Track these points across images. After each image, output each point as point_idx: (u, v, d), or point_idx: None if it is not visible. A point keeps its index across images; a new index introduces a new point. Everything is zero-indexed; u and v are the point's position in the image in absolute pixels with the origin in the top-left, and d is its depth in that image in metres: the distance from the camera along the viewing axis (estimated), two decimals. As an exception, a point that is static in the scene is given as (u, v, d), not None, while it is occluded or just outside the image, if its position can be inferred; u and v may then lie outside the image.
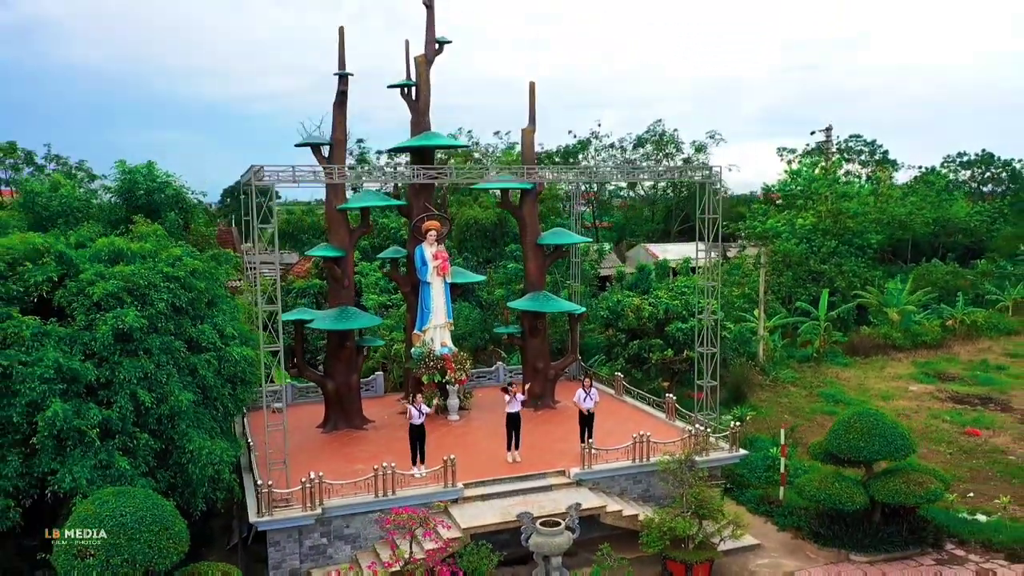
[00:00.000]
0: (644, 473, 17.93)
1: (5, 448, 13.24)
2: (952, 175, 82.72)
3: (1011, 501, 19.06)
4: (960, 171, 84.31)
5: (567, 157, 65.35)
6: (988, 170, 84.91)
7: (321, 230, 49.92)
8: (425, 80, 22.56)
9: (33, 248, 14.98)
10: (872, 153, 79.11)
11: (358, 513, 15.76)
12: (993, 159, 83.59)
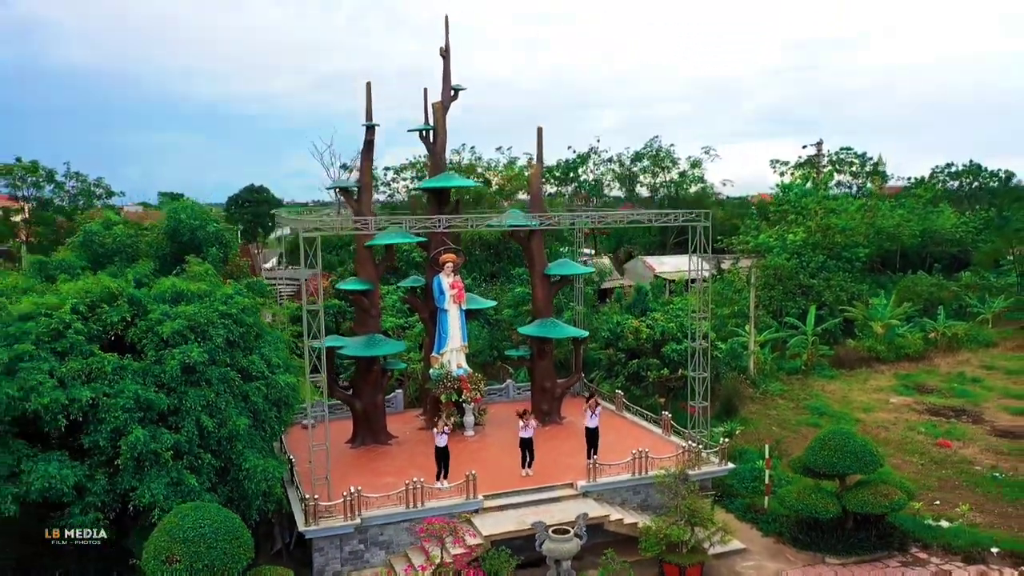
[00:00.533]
0: (643, 485, 20.09)
1: (93, 468, 15.35)
2: (940, 185, 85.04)
3: (971, 509, 21.25)
4: (948, 181, 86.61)
5: (567, 171, 67.69)
6: (976, 180, 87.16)
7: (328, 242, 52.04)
8: (442, 125, 24.72)
9: (108, 291, 17.08)
10: (863, 164, 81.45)
11: (391, 523, 17.89)
12: (981, 170, 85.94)
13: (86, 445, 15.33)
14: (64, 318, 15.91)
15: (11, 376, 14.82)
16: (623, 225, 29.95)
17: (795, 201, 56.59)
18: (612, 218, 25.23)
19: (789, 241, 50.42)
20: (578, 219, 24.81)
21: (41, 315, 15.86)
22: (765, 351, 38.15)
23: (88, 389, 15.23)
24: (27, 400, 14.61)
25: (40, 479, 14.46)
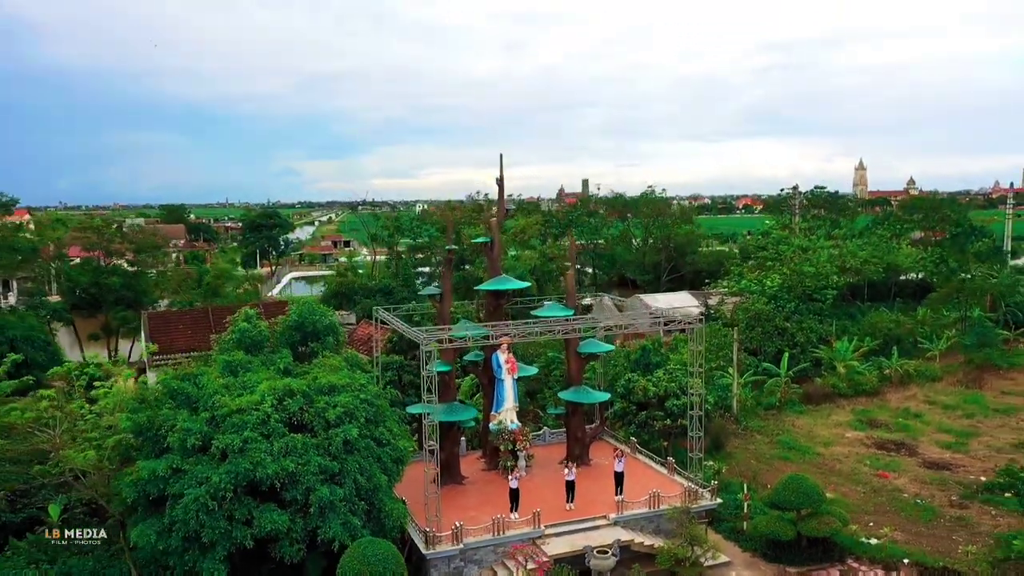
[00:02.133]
0: (656, 516, 27.70)
1: (292, 513, 22.74)
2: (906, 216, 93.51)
3: (893, 529, 29.03)
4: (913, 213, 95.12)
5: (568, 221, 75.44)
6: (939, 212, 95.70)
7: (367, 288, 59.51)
8: (498, 237, 32.28)
9: (288, 388, 24.45)
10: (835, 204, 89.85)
11: (483, 546, 25.41)
12: (943, 203, 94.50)
13: (287, 499, 22.72)
14: (266, 411, 23.28)
15: (242, 454, 22.21)
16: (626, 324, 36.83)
17: (773, 247, 64.58)
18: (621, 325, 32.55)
19: (767, 286, 58.34)
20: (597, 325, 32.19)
21: (252, 409, 23.24)
22: (746, 390, 45.97)
23: (290, 461, 22.63)
24: (255, 471, 22.00)
25: (269, 523, 21.87)
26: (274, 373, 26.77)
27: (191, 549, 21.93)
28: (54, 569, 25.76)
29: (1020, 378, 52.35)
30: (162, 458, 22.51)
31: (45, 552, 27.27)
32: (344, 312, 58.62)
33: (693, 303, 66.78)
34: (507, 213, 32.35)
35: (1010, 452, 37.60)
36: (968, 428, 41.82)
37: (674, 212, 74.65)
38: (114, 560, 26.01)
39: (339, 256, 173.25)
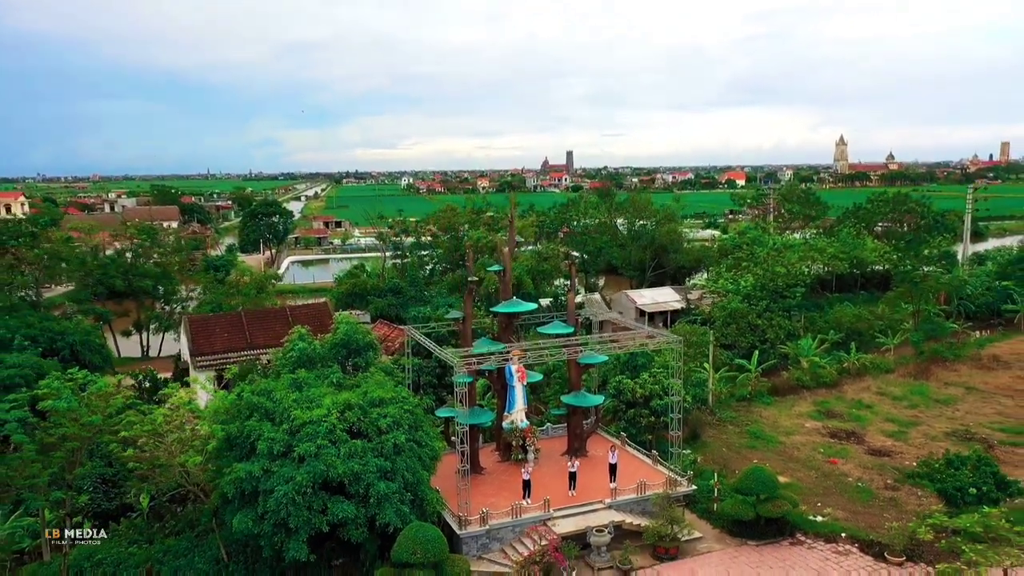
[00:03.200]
0: (643, 500, 33.90)
1: (356, 504, 28.63)
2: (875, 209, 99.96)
3: (836, 508, 35.43)
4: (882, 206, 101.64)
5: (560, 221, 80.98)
6: (905, 204, 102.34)
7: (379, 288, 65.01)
8: (509, 266, 38.02)
9: (348, 402, 30.22)
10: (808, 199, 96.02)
11: (504, 527, 31.53)
12: (908, 199, 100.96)
13: (352, 492, 28.59)
14: (332, 422, 29.10)
15: (317, 458, 28.02)
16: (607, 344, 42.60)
17: (748, 247, 70.72)
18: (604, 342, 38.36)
19: (741, 286, 64.52)
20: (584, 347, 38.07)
21: (321, 421, 29.02)
22: (721, 383, 52.24)
23: (354, 463, 28.48)
24: (328, 471, 27.84)
25: (340, 512, 27.78)
26: (328, 386, 32.62)
27: (279, 533, 27.82)
28: (154, 548, 31.73)
29: (963, 369, 58.94)
30: (253, 461, 28.33)
31: (141, 534, 33.27)
32: (359, 312, 64.08)
33: (675, 298, 72.89)
34: (518, 245, 37.80)
35: (942, 440, 44.14)
36: (910, 418, 48.35)
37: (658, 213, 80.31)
38: (203, 540, 31.99)
39: (333, 239, 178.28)
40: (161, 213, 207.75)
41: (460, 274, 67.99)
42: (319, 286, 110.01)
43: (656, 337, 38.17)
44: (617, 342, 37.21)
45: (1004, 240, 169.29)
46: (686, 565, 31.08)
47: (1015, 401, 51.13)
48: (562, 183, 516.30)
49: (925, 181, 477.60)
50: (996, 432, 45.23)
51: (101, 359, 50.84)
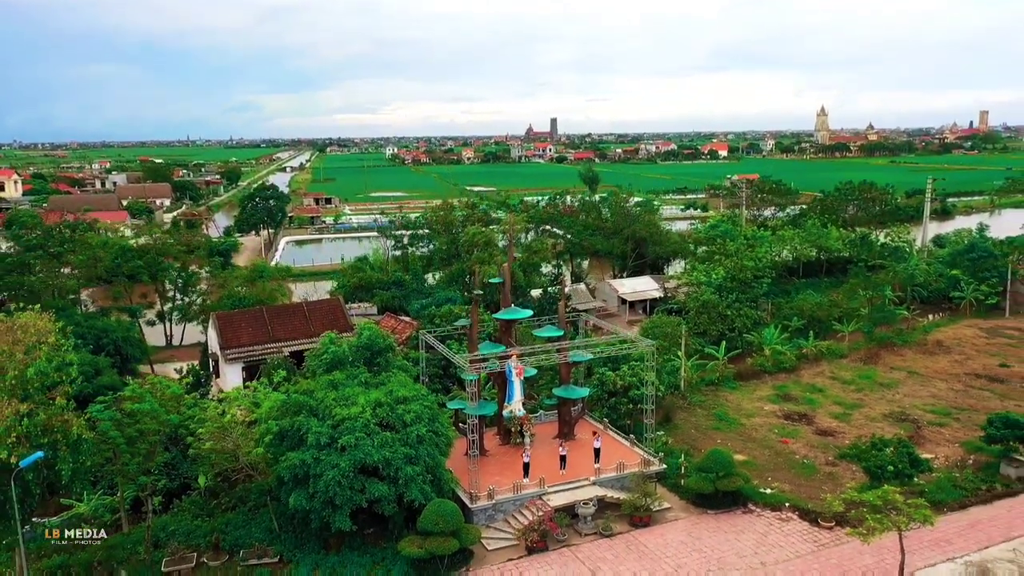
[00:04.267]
0: (622, 478, 40.62)
1: (388, 484, 35.04)
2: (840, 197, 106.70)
3: (782, 482, 42.32)
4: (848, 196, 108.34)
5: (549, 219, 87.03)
6: (870, 193, 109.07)
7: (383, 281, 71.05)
8: (508, 279, 44.22)
9: (378, 400, 36.51)
10: (779, 190, 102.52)
11: (507, 501, 38.16)
12: (873, 187, 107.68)
13: (384, 475, 34.98)
14: (367, 418, 35.42)
15: (356, 448, 34.35)
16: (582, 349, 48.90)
17: (720, 241, 77.22)
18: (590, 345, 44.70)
19: (713, 278, 71.13)
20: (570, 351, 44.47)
21: (356, 417, 35.29)
22: (693, 370, 58.96)
23: (386, 451, 34.84)
24: (365, 458, 34.18)
25: (376, 491, 34.21)
26: (358, 385, 38.88)
27: (327, 508, 34.25)
28: (216, 520, 38.17)
29: (909, 354, 66.05)
30: (303, 451, 34.64)
31: (202, 509, 39.68)
32: (366, 304, 70.17)
33: (654, 287, 79.47)
34: (516, 259, 43.95)
35: (880, 421, 51.16)
36: (855, 401, 55.35)
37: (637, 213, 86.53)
38: (255, 515, 38.45)
39: (325, 217, 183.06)
40: (154, 191, 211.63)
41: (457, 267, 74.15)
42: (317, 269, 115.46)
43: (634, 341, 44.60)
44: (600, 346, 43.60)
45: (970, 218, 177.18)
46: (657, 531, 37.92)
47: (948, 384, 58.28)
48: (546, 153, 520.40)
49: (903, 151, 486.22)
50: (927, 414, 52.30)
51: (140, 352, 56.80)
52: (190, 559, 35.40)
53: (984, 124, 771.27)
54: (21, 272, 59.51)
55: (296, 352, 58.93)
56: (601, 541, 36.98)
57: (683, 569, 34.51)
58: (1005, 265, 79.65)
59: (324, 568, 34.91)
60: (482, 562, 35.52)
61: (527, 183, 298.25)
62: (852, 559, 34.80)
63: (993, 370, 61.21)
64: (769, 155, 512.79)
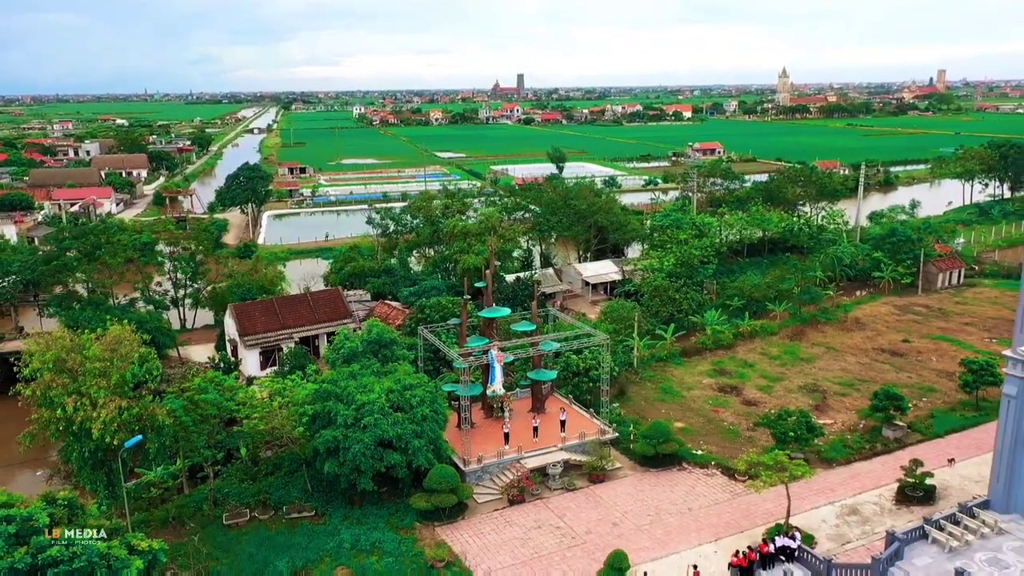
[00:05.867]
0: (583, 444, 50.89)
1: (400, 453, 44.77)
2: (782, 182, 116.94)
3: (711, 444, 52.97)
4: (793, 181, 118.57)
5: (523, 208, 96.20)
6: (812, 176, 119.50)
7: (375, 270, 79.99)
8: (491, 284, 53.73)
9: (391, 388, 46.06)
10: (728, 173, 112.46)
11: (492, 464, 48.29)
12: (814, 171, 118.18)
13: (397, 446, 44.70)
14: (382, 403, 45.02)
15: (375, 427, 43.96)
16: (551, 340, 58.68)
17: (672, 231, 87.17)
18: (559, 340, 54.47)
19: (664, 265, 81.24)
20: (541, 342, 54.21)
21: (374, 400, 44.82)
22: (644, 347, 69.24)
23: (399, 428, 44.52)
24: (383, 434, 43.83)
25: (392, 460, 43.94)
26: (371, 374, 48.40)
27: (353, 473, 43.94)
28: (260, 484, 47.79)
29: (830, 331, 77.07)
30: (334, 429, 44.14)
31: (246, 474, 49.25)
32: (360, 291, 79.07)
33: (614, 270, 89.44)
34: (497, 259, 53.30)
35: (796, 392, 62.05)
36: (779, 374, 66.19)
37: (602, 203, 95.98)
38: (290, 479, 48.11)
39: (303, 188, 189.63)
40: (131, 161, 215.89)
41: (440, 255, 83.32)
42: (303, 247, 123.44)
43: (592, 334, 54.54)
44: (565, 338, 53.52)
45: (912, 189, 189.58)
46: (610, 485, 48.37)
47: (857, 359, 69.44)
48: (514, 114, 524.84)
49: (861, 112, 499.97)
50: (834, 385, 63.35)
51: (170, 340, 65.55)
52: (244, 514, 45.08)
53: (942, 82, 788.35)
54: (59, 271, 67.32)
55: (304, 337, 68.34)
56: (567, 494, 47.34)
57: (629, 514, 45.03)
58: (919, 248, 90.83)
59: (351, 518, 44.78)
60: (474, 512, 45.69)
61: (496, 148, 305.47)
62: (757, 504, 45.58)
63: (896, 345, 72.49)
64: (732, 116, 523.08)
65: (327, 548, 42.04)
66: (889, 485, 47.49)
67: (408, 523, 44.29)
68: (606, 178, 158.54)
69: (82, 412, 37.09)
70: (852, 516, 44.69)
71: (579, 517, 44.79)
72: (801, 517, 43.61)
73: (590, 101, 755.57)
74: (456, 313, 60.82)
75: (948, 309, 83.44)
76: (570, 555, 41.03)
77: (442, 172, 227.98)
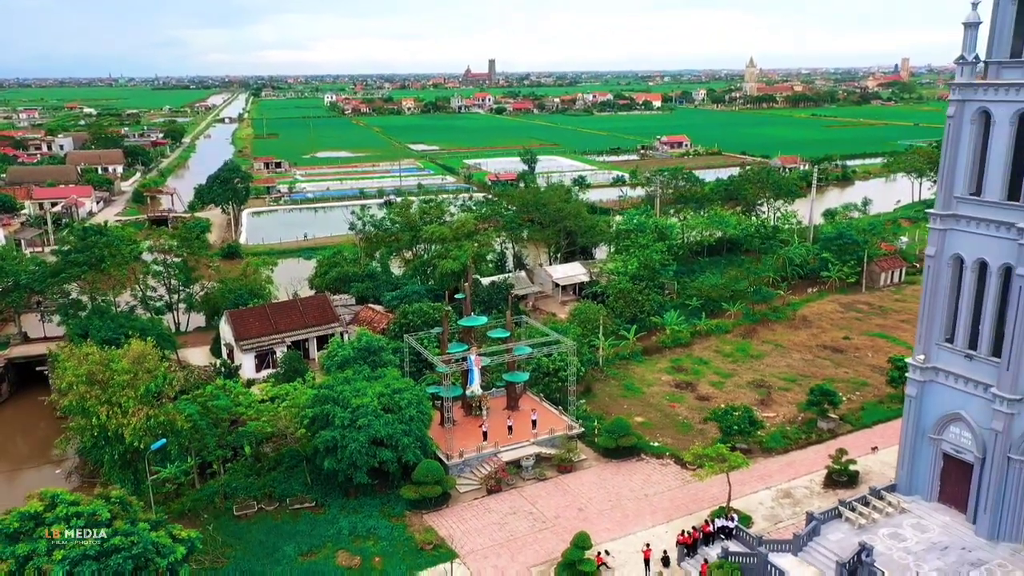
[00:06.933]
0: (553, 439, 57.15)
1: (391, 450, 50.66)
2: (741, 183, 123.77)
3: (666, 437, 59.52)
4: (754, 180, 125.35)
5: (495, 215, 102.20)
6: (770, 179, 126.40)
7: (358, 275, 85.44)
8: (469, 297, 59.60)
9: (382, 392, 51.83)
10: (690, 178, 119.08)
11: (472, 458, 54.37)
12: (771, 173, 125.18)
13: (388, 444, 50.53)
14: (375, 405, 50.81)
15: (369, 427, 49.73)
16: (524, 345, 64.80)
17: (635, 232, 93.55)
18: (533, 345, 60.52)
19: (628, 268, 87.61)
20: (515, 348, 60.28)
21: (367, 403, 50.57)
22: (609, 347, 75.59)
23: (389, 428, 50.33)
24: (376, 434, 49.65)
25: (384, 456, 49.81)
26: (363, 379, 54.13)
27: (350, 469, 49.72)
28: (264, 479, 53.43)
29: (779, 329, 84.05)
30: (332, 429, 49.83)
31: (250, 470, 54.87)
32: (345, 296, 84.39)
33: (583, 272, 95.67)
34: (475, 282, 59.08)
35: (745, 388, 68.81)
36: (730, 371, 72.95)
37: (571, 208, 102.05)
38: (291, 474, 53.78)
39: (280, 184, 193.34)
40: (107, 157, 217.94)
41: (419, 260, 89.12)
42: (285, 247, 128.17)
43: (560, 340, 60.72)
44: (536, 344, 59.64)
45: (868, 183, 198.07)
46: (576, 475, 54.72)
47: (801, 355, 76.46)
48: (486, 103, 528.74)
49: (826, 102, 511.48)
50: (779, 381, 70.23)
51: (171, 345, 70.58)
52: (252, 506, 50.74)
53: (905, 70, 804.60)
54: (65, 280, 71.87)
55: (296, 341, 73.76)
56: (538, 484, 53.60)
57: (593, 501, 51.41)
58: (864, 249, 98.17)
59: (348, 508, 50.63)
60: (457, 501, 51.78)
61: (469, 139, 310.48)
62: (704, 490, 52.16)
63: (838, 342, 79.66)
64: (701, 105, 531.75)
65: (328, 535, 47.89)
66: (820, 471, 54.27)
67: (399, 512, 50.20)
68: (576, 177, 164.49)
69: (114, 420, 42.45)
70: (786, 499, 51.48)
71: (549, 504, 51.04)
72: (742, 500, 50.28)
73: (561, 88, 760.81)
74: (437, 319, 66.63)
75: (888, 306, 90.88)
76: (541, 537, 47.28)
77: (416, 166, 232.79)
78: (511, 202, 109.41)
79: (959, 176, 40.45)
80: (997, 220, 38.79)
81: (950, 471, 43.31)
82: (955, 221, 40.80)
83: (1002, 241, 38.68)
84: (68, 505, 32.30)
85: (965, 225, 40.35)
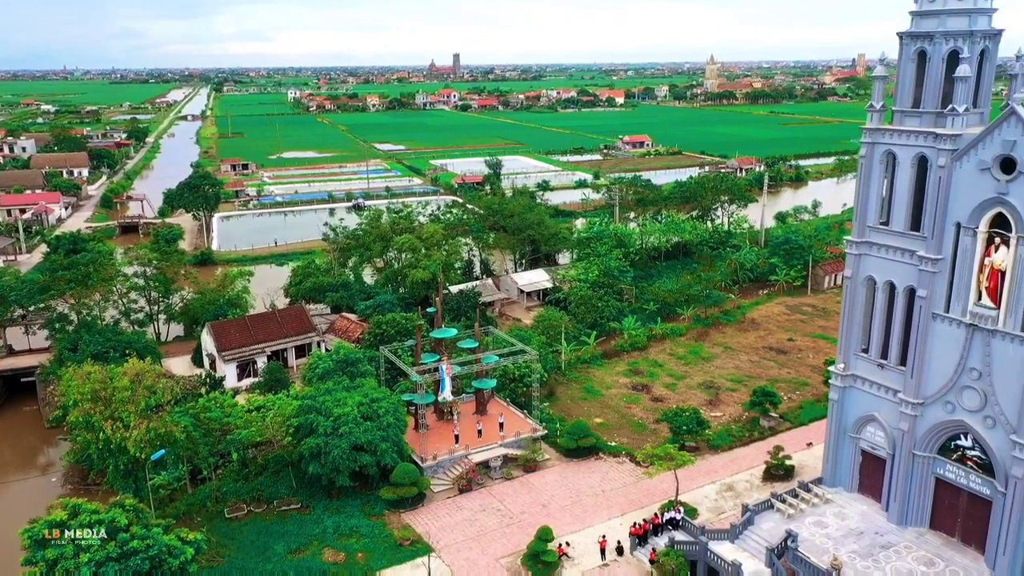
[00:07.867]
0: (519, 441, 62.22)
1: (370, 455, 55.27)
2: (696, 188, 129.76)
3: (622, 437, 64.93)
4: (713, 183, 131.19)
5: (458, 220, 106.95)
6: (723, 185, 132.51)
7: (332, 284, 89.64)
8: (440, 310, 64.35)
9: (362, 401, 56.38)
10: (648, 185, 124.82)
11: (445, 460, 59.24)
12: (723, 181, 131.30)
13: (368, 449, 55.14)
14: (355, 414, 55.39)
15: (350, 434, 54.28)
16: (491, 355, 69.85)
17: (595, 239, 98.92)
18: (500, 354, 65.49)
19: (588, 276, 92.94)
20: (483, 357, 65.28)
21: (348, 412, 55.09)
22: (571, 352, 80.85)
23: (369, 435, 54.95)
24: (356, 440, 54.24)
25: (364, 460, 54.43)
26: (343, 390, 58.64)
27: (333, 473, 54.26)
28: (252, 483, 57.75)
29: (729, 331, 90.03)
30: (316, 437, 54.28)
31: (238, 475, 59.17)
32: (320, 305, 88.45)
33: (546, 278, 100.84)
34: (446, 293, 63.56)
35: (696, 389, 74.55)
36: (683, 373, 78.66)
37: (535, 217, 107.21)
38: (278, 478, 58.19)
39: (249, 187, 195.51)
40: (72, 160, 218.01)
41: (390, 270, 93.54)
42: (258, 253, 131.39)
43: (525, 350, 65.82)
44: (503, 353, 64.62)
45: (820, 184, 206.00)
46: (540, 474, 59.88)
47: (748, 357, 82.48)
48: (451, 100, 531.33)
49: (785, 98, 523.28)
50: (727, 382, 76.11)
51: (154, 356, 74.12)
52: (242, 508, 55.10)
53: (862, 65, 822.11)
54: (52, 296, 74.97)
55: (276, 351, 77.87)
56: (505, 483, 58.67)
57: (555, 497, 56.61)
58: (809, 253, 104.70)
59: (332, 509, 55.21)
60: (431, 500, 56.64)
61: (435, 138, 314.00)
62: (656, 485, 57.62)
63: (783, 344, 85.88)
64: (663, 102, 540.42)
65: (314, 533, 52.47)
66: (760, 467, 60.05)
67: (379, 511, 54.91)
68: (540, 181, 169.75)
69: (118, 434, 46.57)
70: (728, 492, 57.19)
71: (516, 501, 56.12)
72: (689, 494, 55.84)
73: (526, 83, 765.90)
74: (409, 330, 71.29)
75: (830, 308, 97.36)
76: (508, 531, 52.36)
77: (383, 167, 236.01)
78: (478, 206, 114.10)
79: (871, 208, 46.24)
80: (902, 247, 44.61)
81: (867, 465, 49.25)
82: (868, 247, 46.58)
83: (906, 265, 44.51)
84: (90, 514, 36.52)
85: (876, 251, 46.14)
